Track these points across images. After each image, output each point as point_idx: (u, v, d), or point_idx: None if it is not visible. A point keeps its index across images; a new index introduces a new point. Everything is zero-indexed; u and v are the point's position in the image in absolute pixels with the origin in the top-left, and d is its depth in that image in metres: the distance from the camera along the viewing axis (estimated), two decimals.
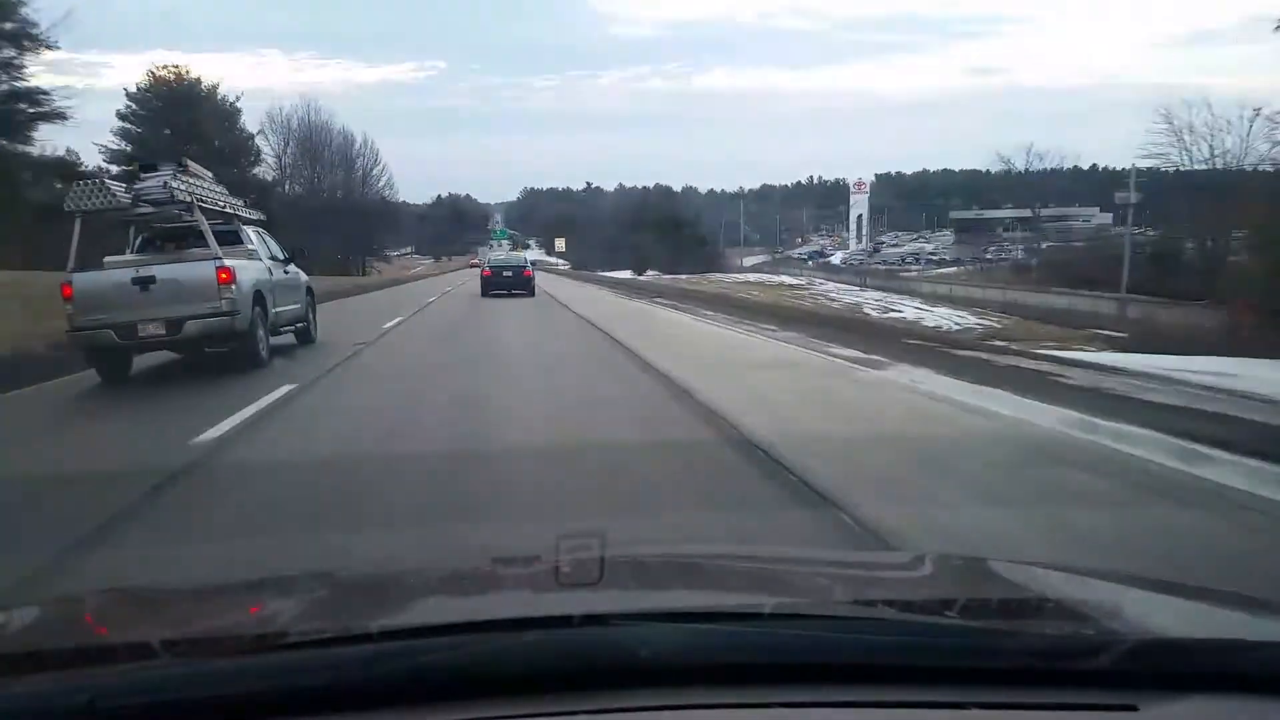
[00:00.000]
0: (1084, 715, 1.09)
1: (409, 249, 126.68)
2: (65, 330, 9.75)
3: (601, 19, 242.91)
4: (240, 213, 12.36)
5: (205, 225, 10.28)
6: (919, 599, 1.52)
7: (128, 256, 10.76)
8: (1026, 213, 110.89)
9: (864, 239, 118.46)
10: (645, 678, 1.08)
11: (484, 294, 26.88)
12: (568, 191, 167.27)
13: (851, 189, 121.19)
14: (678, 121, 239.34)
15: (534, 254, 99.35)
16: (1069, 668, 1.11)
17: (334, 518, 4.39)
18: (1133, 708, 1.08)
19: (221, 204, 11.47)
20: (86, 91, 72.66)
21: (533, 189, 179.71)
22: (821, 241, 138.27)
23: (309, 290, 13.77)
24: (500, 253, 38.73)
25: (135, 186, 10.15)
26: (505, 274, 27.67)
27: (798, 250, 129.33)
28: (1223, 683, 1.12)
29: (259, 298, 10.70)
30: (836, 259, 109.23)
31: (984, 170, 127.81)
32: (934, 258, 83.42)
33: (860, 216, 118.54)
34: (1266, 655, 1.17)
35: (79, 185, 10.09)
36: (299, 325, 13.02)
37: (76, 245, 9.91)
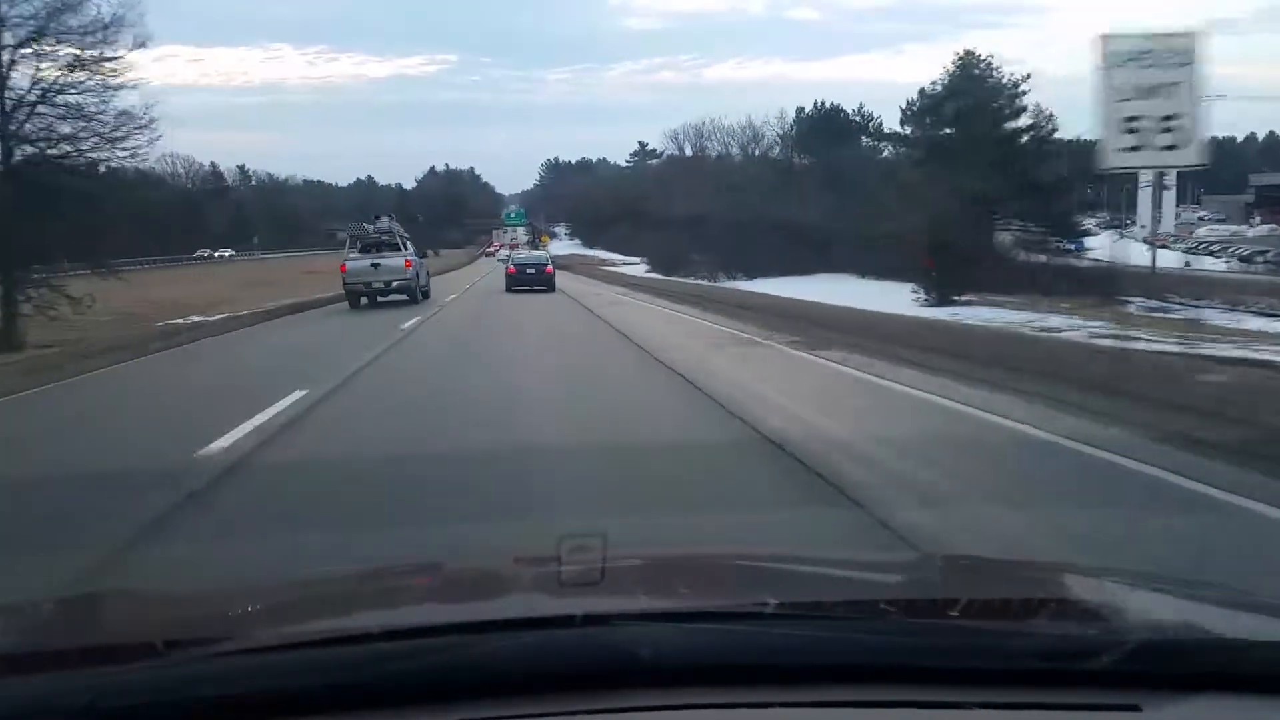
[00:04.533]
0: (1087, 715, 1.10)
1: None
2: (342, 285, 23.51)
3: (613, 12, 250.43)
4: (404, 233, 26.27)
5: (399, 241, 24.27)
6: (921, 599, 1.53)
7: (357, 253, 24.44)
8: None
9: (1159, 218, 67.39)
10: (647, 678, 1.10)
11: (508, 289, 29.84)
12: (603, 163, 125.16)
13: None
14: (693, 110, 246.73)
15: (565, 246, 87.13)
16: (1072, 668, 1.12)
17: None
18: (1136, 708, 1.09)
19: (401, 232, 25.41)
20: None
21: (556, 161, 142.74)
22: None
23: (428, 272, 27.72)
24: (522, 252, 40.96)
25: (374, 225, 24.30)
26: (529, 271, 31.27)
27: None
28: (1225, 683, 1.13)
29: (416, 274, 24.47)
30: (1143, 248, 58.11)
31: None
32: None
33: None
34: (1269, 655, 1.17)
35: (350, 225, 24.34)
36: (425, 289, 26.66)
37: (347, 249, 23.91)
